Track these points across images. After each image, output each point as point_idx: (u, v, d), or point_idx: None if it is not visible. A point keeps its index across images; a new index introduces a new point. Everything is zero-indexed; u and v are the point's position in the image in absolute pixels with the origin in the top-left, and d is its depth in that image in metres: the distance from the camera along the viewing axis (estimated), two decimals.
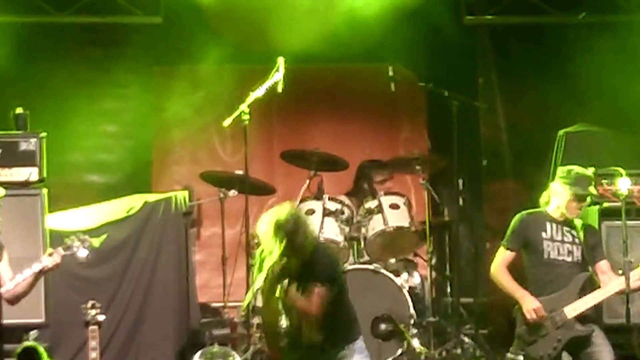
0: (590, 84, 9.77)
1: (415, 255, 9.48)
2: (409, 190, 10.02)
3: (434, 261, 9.40)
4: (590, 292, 7.15)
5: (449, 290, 9.77)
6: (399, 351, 8.51)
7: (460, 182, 9.58)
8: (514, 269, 7.44)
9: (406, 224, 8.93)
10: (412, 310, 8.60)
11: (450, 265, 9.86)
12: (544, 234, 7.28)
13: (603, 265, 7.28)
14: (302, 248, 6.50)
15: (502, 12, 10.07)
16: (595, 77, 9.69)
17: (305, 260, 6.55)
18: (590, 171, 7.35)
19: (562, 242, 7.33)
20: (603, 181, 8.27)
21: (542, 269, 7.31)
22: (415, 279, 9.17)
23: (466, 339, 8.91)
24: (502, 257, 7.34)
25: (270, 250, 6.51)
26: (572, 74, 9.79)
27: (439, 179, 9.87)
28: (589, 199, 7.37)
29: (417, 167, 9.28)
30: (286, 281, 6.57)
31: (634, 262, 7.34)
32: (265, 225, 6.55)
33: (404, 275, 8.99)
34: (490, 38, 10.33)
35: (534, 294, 7.18)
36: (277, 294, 6.58)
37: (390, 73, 9.02)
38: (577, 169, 7.36)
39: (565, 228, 7.29)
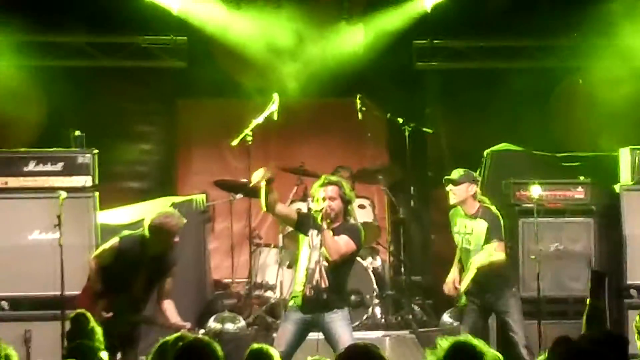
0: (514, 114, 10.43)
1: (378, 243, 9.98)
2: (373, 194, 10.35)
3: (392, 248, 9.93)
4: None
5: (403, 270, 9.99)
6: (364, 316, 9.08)
7: (412, 188, 10.20)
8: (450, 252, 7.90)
9: (371, 220, 9.55)
10: (375, 286, 9.13)
11: (404, 251, 10.08)
12: None
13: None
14: (348, 195, 6.82)
15: (447, 58, 10.65)
16: (517, 109, 10.46)
17: (343, 223, 6.81)
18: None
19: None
20: (520, 188, 8.73)
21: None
22: (378, 262, 9.74)
23: (416, 308, 9.53)
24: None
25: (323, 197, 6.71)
26: (501, 107, 10.38)
27: (395, 186, 10.23)
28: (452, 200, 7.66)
29: (380, 177, 9.95)
30: (326, 223, 6.67)
31: (543, 249, 8.15)
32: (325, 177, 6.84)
33: (369, 259, 9.56)
34: (437, 79, 10.92)
35: None
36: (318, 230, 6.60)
37: (358, 105, 9.47)
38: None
39: None
